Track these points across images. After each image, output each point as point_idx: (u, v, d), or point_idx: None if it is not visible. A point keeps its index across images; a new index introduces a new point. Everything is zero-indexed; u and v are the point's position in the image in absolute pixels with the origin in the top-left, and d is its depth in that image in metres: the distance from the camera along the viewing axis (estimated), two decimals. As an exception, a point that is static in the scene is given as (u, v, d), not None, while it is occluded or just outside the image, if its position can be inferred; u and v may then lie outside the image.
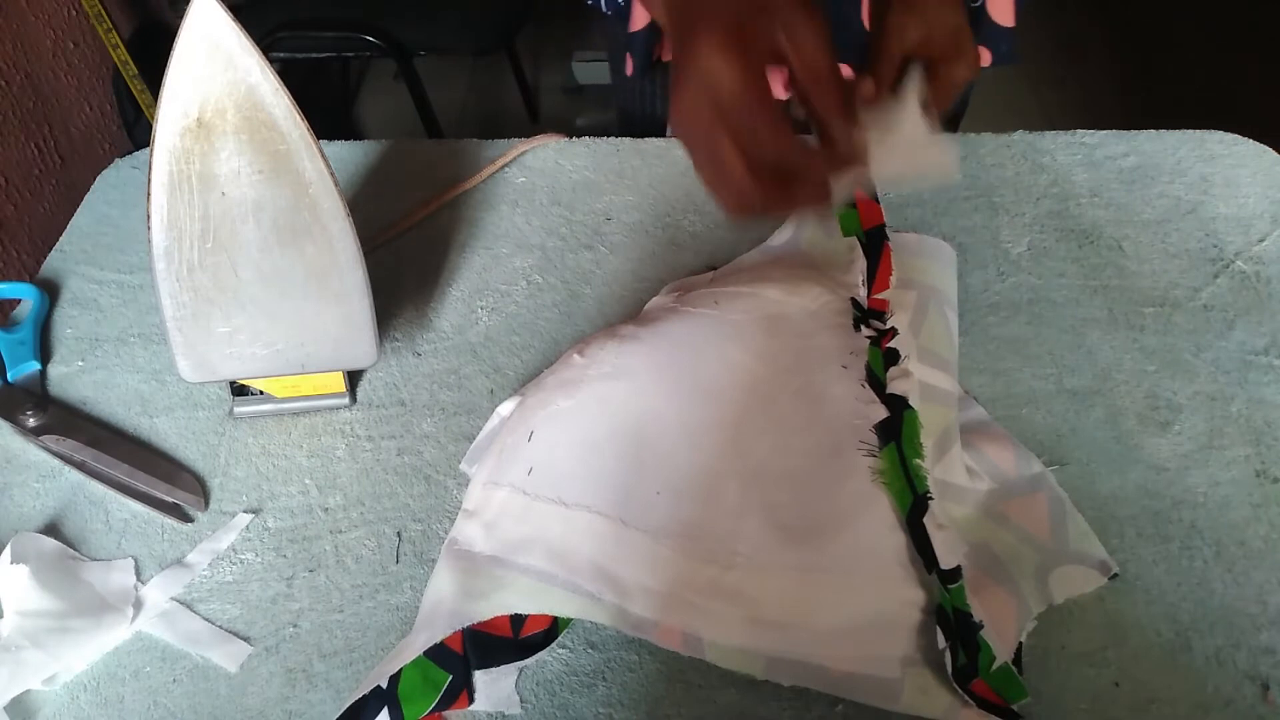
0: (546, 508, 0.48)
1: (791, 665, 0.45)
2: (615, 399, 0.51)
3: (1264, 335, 0.66)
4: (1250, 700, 0.49)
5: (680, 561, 0.47)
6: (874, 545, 0.47)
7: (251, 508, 0.60)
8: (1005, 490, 0.54)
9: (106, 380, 0.67)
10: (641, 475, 0.49)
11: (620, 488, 0.48)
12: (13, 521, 0.59)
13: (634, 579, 0.47)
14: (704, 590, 0.47)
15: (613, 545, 0.47)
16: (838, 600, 0.46)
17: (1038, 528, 0.53)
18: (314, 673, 0.52)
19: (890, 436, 0.50)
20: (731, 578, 0.47)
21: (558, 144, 0.84)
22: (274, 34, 1.61)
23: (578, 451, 0.49)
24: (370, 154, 0.84)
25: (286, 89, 0.51)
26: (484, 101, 2.32)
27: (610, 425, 0.50)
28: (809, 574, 0.46)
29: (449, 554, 0.51)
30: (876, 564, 0.47)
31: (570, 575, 0.47)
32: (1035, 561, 0.52)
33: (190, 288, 0.56)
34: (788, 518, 0.48)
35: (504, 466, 0.50)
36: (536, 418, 0.51)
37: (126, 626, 0.54)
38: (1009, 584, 0.50)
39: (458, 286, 0.73)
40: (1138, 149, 0.80)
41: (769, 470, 0.49)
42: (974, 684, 0.44)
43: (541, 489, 0.48)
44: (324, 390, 0.64)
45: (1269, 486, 0.58)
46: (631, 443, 0.49)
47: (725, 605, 0.46)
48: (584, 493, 0.48)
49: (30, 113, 1.27)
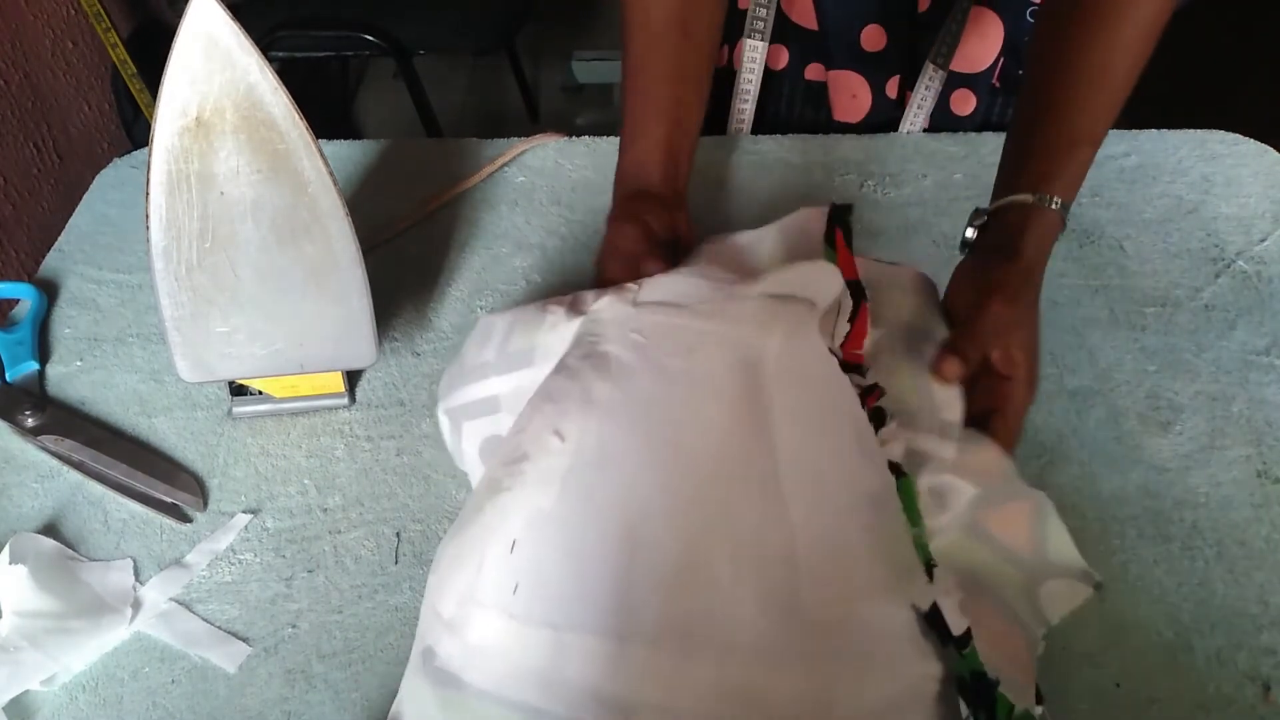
0: (536, 633, 0.44)
1: None
2: (600, 494, 0.46)
3: (1265, 335, 0.66)
4: (1251, 700, 0.49)
5: (681, 666, 0.43)
6: (880, 623, 0.44)
7: (250, 508, 0.60)
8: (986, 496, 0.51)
9: (105, 380, 0.67)
10: (631, 577, 0.44)
11: (612, 596, 0.44)
12: (11, 522, 0.59)
13: (639, 698, 0.43)
14: (716, 696, 0.43)
15: (611, 665, 0.43)
16: (854, 689, 0.43)
17: (1018, 541, 0.51)
18: (313, 673, 0.52)
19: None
20: (735, 674, 0.43)
21: (558, 143, 0.84)
22: (273, 33, 1.61)
23: (567, 565, 0.45)
24: (370, 153, 0.84)
25: (285, 88, 0.50)
26: (484, 101, 2.32)
27: (599, 528, 0.45)
28: (819, 662, 0.43)
29: (428, 669, 0.46)
30: (885, 643, 0.44)
31: (570, 710, 0.43)
32: (1019, 581, 0.50)
33: (189, 287, 0.56)
34: (787, 598, 0.44)
35: (484, 579, 0.45)
36: (516, 521, 0.46)
37: (125, 627, 0.54)
38: (1007, 611, 0.48)
39: (457, 286, 0.73)
40: (1139, 149, 0.80)
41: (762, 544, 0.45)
42: None
43: (531, 612, 0.44)
44: (323, 390, 0.64)
45: (1270, 487, 0.58)
46: (621, 544, 0.45)
47: (740, 710, 0.43)
48: (575, 612, 0.44)
49: (29, 112, 1.27)
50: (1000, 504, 0.51)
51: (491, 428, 0.55)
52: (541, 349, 0.54)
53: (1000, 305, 0.54)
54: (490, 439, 0.56)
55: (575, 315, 0.54)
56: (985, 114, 0.85)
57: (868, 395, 0.51)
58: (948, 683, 0.43)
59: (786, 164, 0.81)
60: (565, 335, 0.53)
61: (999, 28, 0.80)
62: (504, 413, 0.55)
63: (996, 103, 0.85)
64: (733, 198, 0.79)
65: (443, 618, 0.45)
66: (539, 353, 0.54)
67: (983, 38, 0.80)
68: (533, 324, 0.55)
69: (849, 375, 0.51)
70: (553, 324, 0.54)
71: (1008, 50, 0.81)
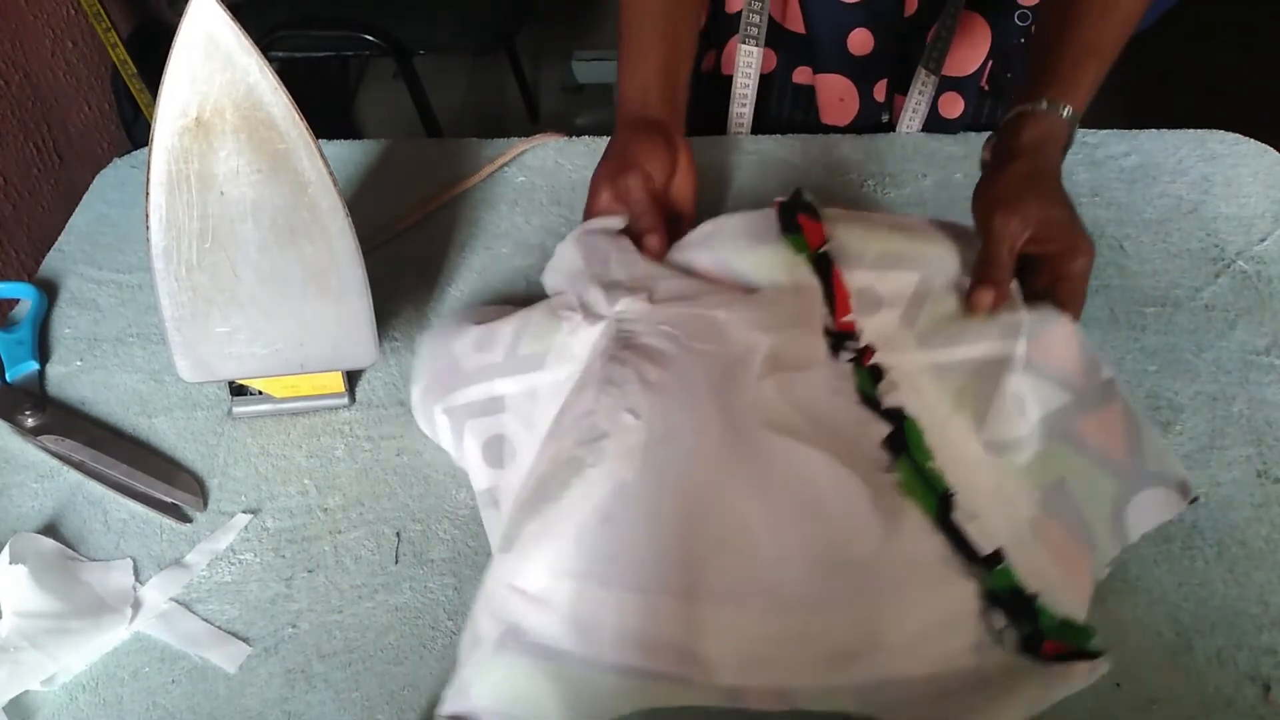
0: (631, 598, 0.48)
1: (880, 688, 0.47)
2: (670, 466, 0.51)
3: (1265, 335, 0.66)
4: (1251, 701, 0.49)
5: (746, 619, 0.48)
6: (916, 553, 0.49)
7: (250, 508, 0.60)
8: (1078, 402, 0.55)
9: (105, 380, 0.67)
10: (700, 542, 0.49)
11: (686, 560, 0.49)
12: (11, 522, 0.59)
13: (715, 651, 0.48)
14: (775, 641, 0.48)
15: (690, 622, 0.48)
16: (899, 614, 0.48)
17: (1113, 447, 0.54)
18: (313, 673, 0.52)
19: (899, 449, 0.52)
20: (794, 621, 0.48)
21: (557, 143, 0.84)
22: (273, 33, 1.61)
23: (649, 533, 0.49)
24: (370, 153, 0.84)
25: (285, 88, 0.50)
26: (484, 101, 2.32)
27: (671, 497, 0.50)
28: (864, 597, 0.48)
29: (521, 645, 0.48)
30: (924, 569, 0.48)
31: (662, 665, 0.47)
32: (1113, 492, 0.53)
33: (189, 287, 0.56)
34: (825, 549, 0.49)
35: (576, 551, 0.48)
36: (602, 494, 0.49)
37: (125, 627, 0.54)
38: (1083, 532, 0.52)
39: (457, 286, 0.73)
40: (1139, 148, 0.80)
41: (795, 504, 0.50)
42: (1045, 646, 0.47)
43: (624, 579, 0.48)
44: (323, 390, 0.64)
45: (1270, 487, 0.58)
46: (688, 510, 0.50)
47: (799, 650, 0.48)
48: (659, 576, 0.49)
49: (29, 112, 1.27)
50: (1094, 409, 0.55)
51: (495, 427, 0.58)
52: (555, 352, 0.57)
53: (1003, 215, 0.57)
54: (494, 438, 0.57)
55: (594, 319, 0.58)
56: (974, 116, 0.85)
57: (862, 355, 0.57)
58: (987, 599, 0.48)
59: (786, 164, 0.81)
60: (585, 339, 0.57)
61: (986, 32, 0.80)
62: (509, 413, 0.58)
63: (985, 106, 0.85)
64: (733, 198, 0.79)
65: (528, 593, 0.48)
66: (552, 356, 0.57)
67: (971, 42, 0.80)
68: (546, 329, 0.59)
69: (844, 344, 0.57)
70: (571, 329, 0.58)
71: (996, 54, 0.81)
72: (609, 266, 0.62)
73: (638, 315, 0.57)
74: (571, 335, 0.58)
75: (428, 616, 0.54)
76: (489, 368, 0.59)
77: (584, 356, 0.57)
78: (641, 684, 0.47)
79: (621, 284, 0.59)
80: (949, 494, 0.50)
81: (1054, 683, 0.45)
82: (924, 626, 0.48)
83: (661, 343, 0.55)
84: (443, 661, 0.53)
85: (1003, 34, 0.80)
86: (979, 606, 0.48)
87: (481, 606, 0.49)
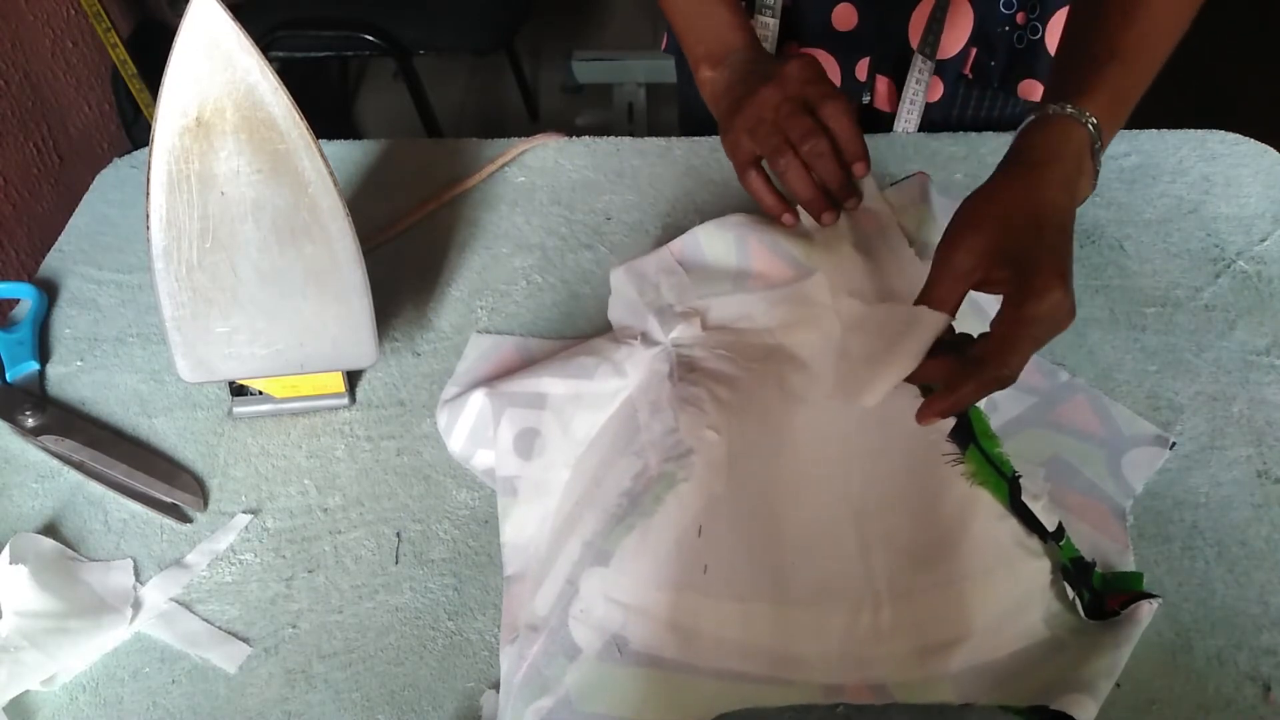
0: (728, 606, 0.50)
1: (972, 674, 0.49)
2: (752, 479, 0.53)
3: (1265, 335, 0.66)
4: (1251, 701, 0.49)
5: (838, 619, 0.50)
6: (992, 539, 0.50)
7: (250, 508, 0.60)
8: (1046, 401, 0.61)
9: (105, 380, 0.67)
10: (786, 548, 0.52)
11: (775, 566, 0.51)
12: (11, 522, 0.59)
13: (811, 652, 0.50)
14: (869, 638, 0.50)
15: (785, 625, 0.50)
16: (984, 600, 0.50)
17: (1089, 425, 0.60)
18: (313, 673, 0.52)
19: (966, 439, 0.52)
20: (885, 616, 0.50)
21: (558, 143, 0.84)
22: (273, 33, 1.61)
23: (739, 542, 0.51)
24: (370, 153, 0.84)
25: (286, 88, 0.51)
26: (484, 101, 2.32)
27: (755, 508, 0.53)
28: (950, 587, 0.50)
29: (627, 656, 0.49)
30: (1001, 554, 0.50)
31: (762, 669, 0.49)
32: (1102, 457, 0.58)
33: (189, 287, 0.56)
34: (906, 542, 0.51)
35: (674, 563, 0.50)
36: (695, 507, 0.51)
37: (125, 627, 0.54)
38: (1095, 491, 0.57)
39: (457, 286, 0.73)
40: (1139, 148, 0.80)
41: (871, 503, 0.53)
42: (1108, 602, 0.50)
43: (721, 588, 0.50)
44: (323, 390, 0.64)
45: (1270, 487, 0.58)
46: (770, 520, 0.53)
47: (893, 644, 0.50)
48: (751, 584, 0.51)
49: (29, 112, 1.26)
50: (1061, 403, 0.61)
51: (533, 421, 0.60)
52: (606, 367, 0.60)
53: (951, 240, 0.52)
54: (528, 430, 0.59)
55: (650, 345, 0.61)
56: (952, 101, 0.84)
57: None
58: (1056, 571, 0.51)
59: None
60: (638, 360, 0.60)
61: (969, 15, 0.79)
62: (549, 411, 0.60)
63: (972, 95, 0.84)
64: (733, 198, 0.79)
65: (629, 605, 0.50)
66: (603, 370, 0.60)
67: (953, 23, 0.80)
68: (604, 348, 0.62)
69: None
70: (628, 353, 0.61)
71: (979, 39, 0.80)
72: (660, 293, 0.64)
73: (692, 340, 0.60)
74: (629, 358, 0.60)
75: (428, 616, 0.54)
76: (541, 366, 0.61)
77: (634, 376, 0.59)
78: (742, 687, 0.49)
79: (673, 309, 0.62)
80: (1017, 477, 0.51)
81: (1126, 629, 0.48)
82: (1005, 608, 0.50)
83: (721, 365, 0.58)
84: (443, 661, 0.53)
85: (986, 18, 0.79)
86: (1048, 581, 0.50)
87: (575, 618, 0.50)
